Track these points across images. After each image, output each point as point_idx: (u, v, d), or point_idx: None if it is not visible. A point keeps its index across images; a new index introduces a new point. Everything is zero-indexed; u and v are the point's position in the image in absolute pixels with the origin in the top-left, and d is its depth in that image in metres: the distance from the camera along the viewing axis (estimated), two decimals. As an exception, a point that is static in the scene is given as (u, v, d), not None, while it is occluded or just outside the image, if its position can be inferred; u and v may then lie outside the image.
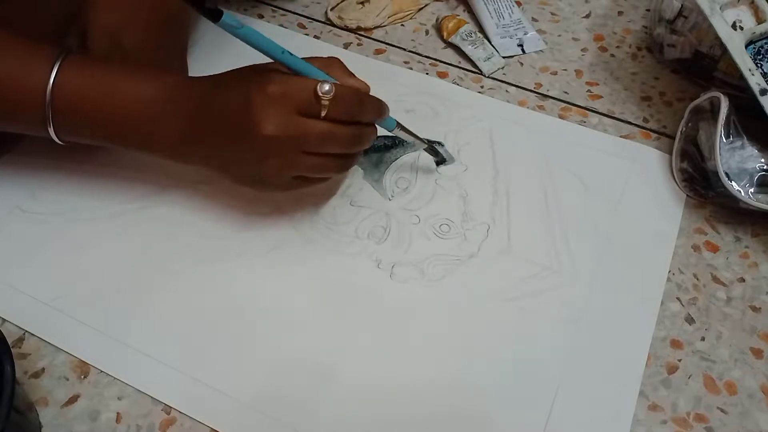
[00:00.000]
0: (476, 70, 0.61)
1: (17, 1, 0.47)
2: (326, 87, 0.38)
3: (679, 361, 0.42)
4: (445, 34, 0.63)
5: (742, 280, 0.46)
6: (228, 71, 0.41)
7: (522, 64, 0.62)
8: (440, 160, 0.51)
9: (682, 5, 0.56)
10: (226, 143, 0.40)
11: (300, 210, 0.48)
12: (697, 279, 0.46)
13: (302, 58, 0.40)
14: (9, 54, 0.40)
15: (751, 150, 0.47)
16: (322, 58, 0.41)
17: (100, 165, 0.50)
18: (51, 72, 0.40)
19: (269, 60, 0.39)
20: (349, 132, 0.40)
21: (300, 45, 0.62)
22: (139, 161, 0.50)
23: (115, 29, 0.47)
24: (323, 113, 0.38)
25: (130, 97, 0.41)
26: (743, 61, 0.47)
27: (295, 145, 0.39)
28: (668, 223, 0.49)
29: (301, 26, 0.65)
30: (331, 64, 0.41)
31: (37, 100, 0.40)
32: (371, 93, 0.43)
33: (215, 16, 0.35)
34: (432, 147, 0.50)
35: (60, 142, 0.43)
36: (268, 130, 0.38)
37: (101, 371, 0.40)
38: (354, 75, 0.42)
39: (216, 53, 0.61)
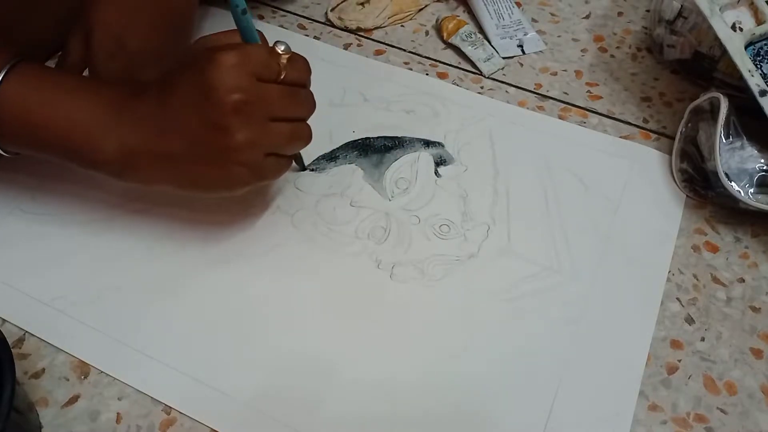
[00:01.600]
0: (476, 71, 0.61)
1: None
2: (283, 46, 0.38)
3: (679, 361, 0.42)
4: (445, 34, 0.63)
5: (742, 280, 0.46)
6: (173, 64, 0.39)
7: (522, 64, 0.62)
8: (301, 168, 0.51)
9: (681, 6, 0.56)
10: (190, 130, 0.37)
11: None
12: (697, 279, 0.46)
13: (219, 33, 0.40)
14: None
15: (751, 150, 0.47)
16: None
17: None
18: None
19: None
20: (308, 93, 0.41)
21: (300, 46, 0.62)
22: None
23: (120, 30, 0.47)
24: (282, 74, 0.38)
25: (75, 107, 0.39)
26: (743, 62, 0.47)
27: (262, 111, 0.37)
28: (668, 223, 0.49)
29: (302, 27, 0.65)
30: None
31: None
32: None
33: None
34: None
35: (5, 154, 0.41)
36: (233, 98, 0.36)
37: (101, 371, 0.40)
38: None
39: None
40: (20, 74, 0.39)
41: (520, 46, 0.63)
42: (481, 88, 0.59)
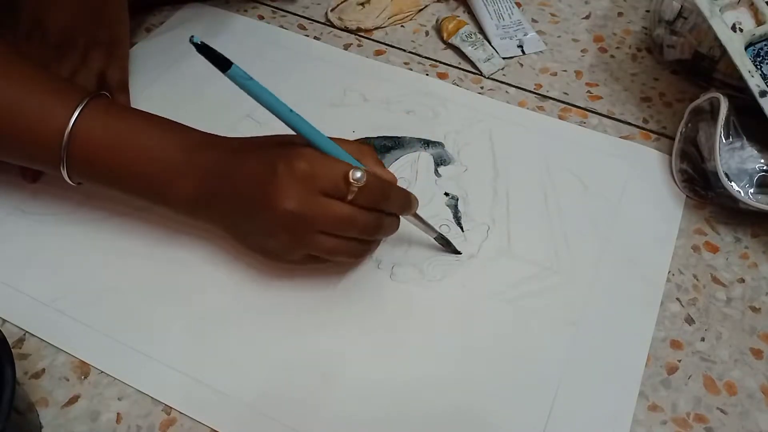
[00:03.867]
0: (476, 71, 0.61)
1: None
2: (358, 174, 0.37)
3: (679, 361, 0.42)
4: (445, 35, 0.63)
5: (742, 280, 0.46)
6: (256, 137, 0.41)
7: (522, 65, 0.62)
8: (452, 251, 0.46)
9: (681, 6, 0.56)
10: (243, 210, 0.39)
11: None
12: (697, 279, 0.46)
13: (331, 138, 0.38)
14: (34, 90, 0.40)
15: (751, 150, 0.47)
16: (353, 142, 0.40)
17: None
18: (72, 115, 0.39)
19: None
20: (371, 219, 0.39)
21: (300, 46, 0.62)
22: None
23: (40, 11, 0.48)
24: (350, 197, 0.37)
25: (147, 150, 0.40)
26: (743, 62, 0.47)
27: (312, 224, 0.38)
28: (668, 223, 0.49)
29: (302, 27, 0.65)
30: (363, 151, 0.40)
31: (54, 141, 0.39)
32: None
33: (223, 66, 0.33)
34: (442, 237, 0.45)
35: (72, 183, 0.42)
36: (289, 206, 0.37)
37: (101, 372, 0.40)
38: (383, 165, 0.41)
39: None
40: (95, 112, 0.40)
41: (520, 46, 0.63)
42: (481, 88, 0.59)
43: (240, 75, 0.34)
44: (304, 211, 0.37)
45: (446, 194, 0.50)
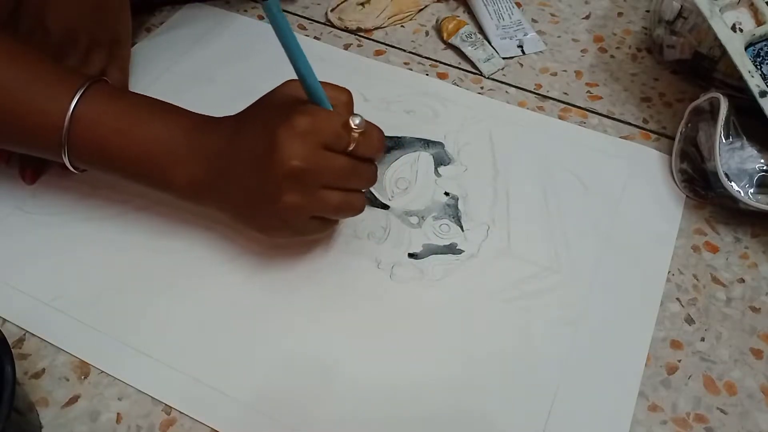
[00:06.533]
0: (476, 71, 0.61)
1: None
2: (358, 120, 0.37)
3: (679, 361, 0.42)
4: (445, 35, 0.63)
5: (742, 280, 0.46)
6: (250, 106, 0.41)
7: (522, 65, 0.62)
8: (380, 206, 0.48)
9: (681, 6, 0.56)
10: (248, 178, 0.39)
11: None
12: (697, 279, 0.46)
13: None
14: (34, 77, 0.40)
15: (751, 150, 0.47)
16: (331, 87, 0.40)
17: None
18: (72, 100, 0.39)
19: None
20: (371, 169, 0.40)
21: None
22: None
23: (40, 7, 0.48)
24: (352, 146, 0.38)
25: (149, 134, 0.40)
26: (743, 63, 0.47)
27: (317, 179, 0.38)
28: (668, 223, 0.49)
29: (302, 27, 0.65)
30: (341, 100, 0.40)
31: (55, 126, 0.39)
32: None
33: None
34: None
35: (73, 170, 0.42)
36: (292, 163, 0.36)
37: (101, 371, 0.40)
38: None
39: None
40: (95, 97, 0.40)
41: (520, 46, 0.63)
42: (481, 88, 0.59)
43: (276, 7, 0.34)
44: (309, 165, 0.37)
45: (446, 194, 0.50)
